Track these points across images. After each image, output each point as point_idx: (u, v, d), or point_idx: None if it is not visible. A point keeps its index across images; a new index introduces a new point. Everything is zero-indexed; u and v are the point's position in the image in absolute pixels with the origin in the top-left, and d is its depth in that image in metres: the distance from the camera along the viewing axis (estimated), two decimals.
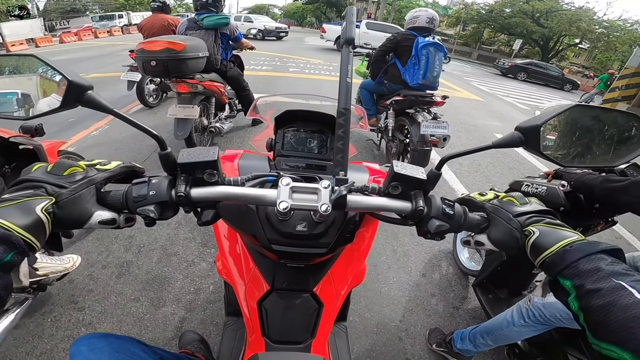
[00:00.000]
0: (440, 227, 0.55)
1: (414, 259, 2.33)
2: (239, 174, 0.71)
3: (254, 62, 9.28)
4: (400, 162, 0.57)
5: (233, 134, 3.99)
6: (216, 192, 0.53)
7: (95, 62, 8.97)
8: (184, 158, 0.52)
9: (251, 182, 0.58)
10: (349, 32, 0.61)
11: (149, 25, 4.29)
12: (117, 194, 0.52)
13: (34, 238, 0.41)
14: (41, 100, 0.58)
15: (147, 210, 0.50)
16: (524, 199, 0.56)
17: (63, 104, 0.50)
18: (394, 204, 0.56)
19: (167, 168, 0.54)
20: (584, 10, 23.32)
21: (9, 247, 0.38)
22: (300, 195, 0.53)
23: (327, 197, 0.52)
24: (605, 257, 0.41)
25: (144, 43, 2.64)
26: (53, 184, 0.46)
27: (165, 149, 0.53)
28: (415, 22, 3.03)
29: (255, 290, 0.75)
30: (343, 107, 0.57)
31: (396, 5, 28.33)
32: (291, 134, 0.84)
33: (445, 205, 0.56)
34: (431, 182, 0.57)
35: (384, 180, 0.58)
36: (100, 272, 1.92)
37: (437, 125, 2.80)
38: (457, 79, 12.03)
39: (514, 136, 0.54)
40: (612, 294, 0.37)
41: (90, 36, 18.90)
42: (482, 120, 6.51)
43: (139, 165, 0.57)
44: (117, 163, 0.55)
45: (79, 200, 0.47)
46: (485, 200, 0.59)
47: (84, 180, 0.49)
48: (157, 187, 0.51)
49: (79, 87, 0.49)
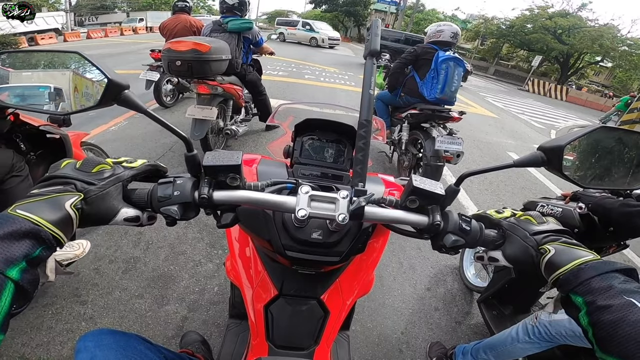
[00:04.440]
0: (456, 242, 0.55)
1: (420, 273, 2.31)
2: (258, 179, 0.72)
3: (270, 66, 9.35)
4: (419, 176, 0.57)
5: (247, 137, 4.03)
6: (238, 196, 0.54)
7: (118, 59, 9.17)
8: (209, 161, 0.52)
9: (270, 188, 0.59)
10: (374, 44, 0.61)
11: (171, 26, 4.37)
12: (142, 192, 0.54)
13: (62, 233, 0.42)
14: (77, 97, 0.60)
15: (171, 210, 0.51)
16: (542, 218, 0.57)
17: (101, 101, 0.51)
18: (410, 217, 0.57)
19: (191, 169, 0.55)
20: (608, 28, 22.73)
21: (37, 242, 0.38)
22: (318, 204, 0.53)
23: (345, 207, 0.52)
24: (618, 276, 0.42)
25: (170, 43, 2.70)
26: (82, 181, 0.47)
27: (191, 150, 0.54)
28: (439, 37, 3.02)
29: (263, 295, 0.76)
30: (365, 118, 0.57)
31: (414, 18, 28.33)
32: (309, 143, 0.84)
33: (462, 221, 0.57)
34: (449, 198, 0.58)
35: (402, 194, 0.59)
36: (107, 266, 1.94)
37: (452, 141, 2.77)
38: (472, 94, 11.92)
39: (537, 156, 0.55)
40: (622, 310, 0.38)
41: (117, 33, 19.52)
42: (495, 137, 6.44)
43: (162, 165, 0.58)
44: (143, 161, 0.56)
45: (107, 197, 0.48)
46: (502, 217, 0.60)
47: (112, 177, 0.50)
48: (182, 187, 0.52)
49: (117, 86, 0.50)
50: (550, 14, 24.45)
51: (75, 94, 0.61)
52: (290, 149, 0.85)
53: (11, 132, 1.52)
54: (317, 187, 0.60)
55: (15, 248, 0.36)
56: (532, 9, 25.43)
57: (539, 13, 24.89)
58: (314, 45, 20.53)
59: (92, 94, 0.60)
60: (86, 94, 0.59)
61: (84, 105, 0.58)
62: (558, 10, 24.67)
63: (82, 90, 0.60)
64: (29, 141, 1.61)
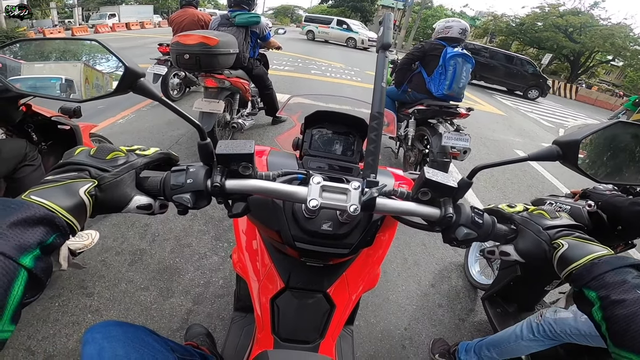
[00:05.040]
0: (469, 235, 0.55)
1: (424, 269, 2.31)
2: (268, 169, 0.71)
3: (276, 61, 9.32)
4: (431, 168, 0.57)
5: (253, 131, 4.03)
6: (250, 185, 0.53)
7: (126, 53, 9.24)
8: (222, 149, 0.52)
9: (282, 178, 0.58)
10: (387, 37, 0.61)
11: (179, 20, 4.38)
12: (155, 180, 0.54)
13: (76, 220, 0.41)
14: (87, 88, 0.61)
15: (183, 199, 0.51)
16: (554, 212, 0.57)
17: (118, 89, 0.51)
18: (422, 209, 0.56)
19: (204, 158, 0.55)
20: (621, 27, 22.32)
21: (52, 229, 0.38)
22: (330, 195, 0.53)
23: (357, 198, 0.52)
24: (632, 271, 0.42)
25: (179, 36, 2.71)
26: (96, 167, 0.47)
27: (205, 139, 0.54)
28: (448, 33, 3.00)
29: (270, 287, 0.76)
30: (377, 111, 0.57)
31: (422, 14, 28.03)
32: (319, 135, 0.84)
33: (474, 214, 0.57)
34: (462, 190, 0.57)
35: (413, 186, 0.58)
36: (113, 258, 1.96)
37: (459, 138, 2.76)
38: (480, 92, 11.80)
39: (552, 150, 0.54)
40: (636, 304, 0.38)
41: (123, 28, 19.73)
42: (503, 135, 6.38)
43: (174, 154, 0.58)
44: (155, 149, 0.56)
45: (120, 184, 0.48)
46: (514, 212, 0.60)
47: (126, 164, 0.50)
48: (195, 176, 0.52)
49: (134, 74, 0.50)
50: (562, 12, 24.03)
51: (86, 85, 0.61)
52: (300, 141, 0.85)
53: (23, 123, 1.54)
54: (327, 178, 0.60)
55: (29, 235, 0.35)
56: (543, 7, 25.04)
57: (550, 11, 24.48)
58: (351, 46, 19.15)
59: (102, 85, 0.60)
60: (97, 85, 0.59)
61: (101, 92, 0.57)
62: (570, 9, 24.27)
63: (93, 81, 0.60)
64: (40, 131, 1.63)
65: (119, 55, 0.51)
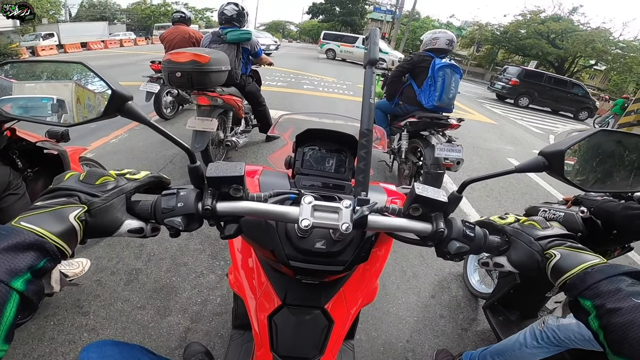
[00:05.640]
0: (461, 248, 0.55)
1: (424, 281, 2.30)
2: (260, 190, 0.72)
3: (269, 77, 9.38)
4: (421, 184, 0.57)
5: (247, 148, 4.01)
6: (241, 207, 0.54)
7: (119, 71, 9.28)
8: (212, 172, 0.53)
9: (273, 199, 0.59)
10: (373, 53, 0.61)
11: (171, 37, 4.42)
12: (146, 204, 0.53)
13: (67, 245, 0.42)
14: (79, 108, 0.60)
15: (174, 222, 0.51)
16: (546, 223, 0.57)
17: (105, 113, 0.51)
18: (414, 225, 0.57)
19: (194, 181, 0.55)
20: (600, 31, 23.01)
21: (42, 254, 0.38)
22: (322, 214, 0.53)
23: (349, 216, 0.52)
24: (626, 279, 0.42)
25: (170, 54, 2.71)
26: (86, 193, 0.47)
27: (194, 162, 0.54)
28: (435, 44, 3.04)
29: (267, 305, 0.75)
30: (366, 128, 0.57)
31: (410, 26, 28.61)
32: (311, 153, 0.84)
33: (466, 228, 0.57)
34: (452, 205, 0.57)
35: (405, 202, 0.59)
36: (108, 278, 1.93)
37: (452, 149, 2.77)
38: (470, 101, 11.94)
39: (538, 161, 0.55)
40: (631, 312, 0.38)
41: (116, 45, 19.78)
42: (495, 144, 6.45)
43: (165, 176, 0.58)
44: (146, 173, 0.56)
45: (111, 209, 0.48)
46: (505, 223, 0.60)
47: (116, 189, 0.50)
48: (185, 199, 0.52)
49: (121, 97, 0.50)
50: (543, 18, 24.78)
51: (77, 105, 0.60)
52: (292, 159, 0.85)
53: (8, 149, 1.48)
54: (319, 197, 0.60)
55: (20, 259, 0.36)
56: (525, 14, 25.76)
57: (531, 18, 25.23)
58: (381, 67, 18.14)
59: (94, 105, 0.59)
60: (88, 105, 0.59)
61: (87, 117, 0.57)
62: (550, 15, 25.03)
63: (85, 101, 0.59)
64: (25, 157, 1.57)
65: (105, 78, 0.51)
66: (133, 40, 21.41)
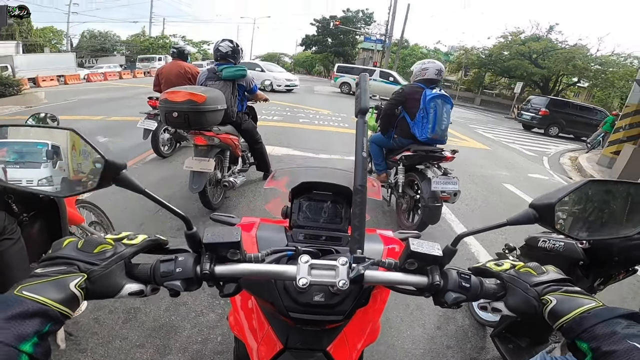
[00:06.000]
0: (457, 298, 0.56)
1: (428, 312, 2.26)
2: (258, 246, 0.73)
3: (265, 111, 9.42)
4: (416, 239, 0.59)
5: (245, 187, 3.94)
6: (239, 269, 0.55)
7: (118, 104, 9.51)
8: (209, 238, 0.54)
9: (270, 258, 0.60)
10: (363, 101, 0.62)
11: (167, 72, 4.46)
12: (145, 267, 0.55)
13: (69, 309, 0.44)
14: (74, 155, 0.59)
15: (174, 285, 0.52)
16: (541, 268, 0.58)
17: (99, 184, 0.52)
18: (410, 278, 0.58)
19: (192, 245, 0.57)
20: (578, 48, 23.39)
21: (46, 320, 0.40)
22: (319, 272, 0.55)
23: (345, 273, 0.54)
24: (621, 321, 0.44)
25: (167, 93, 2.74)
26: (85, 262, 0.48)
27: (191, 228, 0.56)
28: (425, 74, 3.08)
29: (268, 349, 0.74)
30: (359, 184, 0.59)
31: (400, 54, 29.39)
32: (307, 204, 0.85)
33: (461, 279, 0.58)
34: (447, 257, 0.59)
35: (400, 256, 0.60)
36: (106, 316, 1.91)
37: (448, 181, 2.79)
38: (462, 127, 11.98)
39: (529, 213, 0.57)
40: (626, 354, 0.40)
41: (115, 77, 19.74)
42: (490, 170, 6.46)
43: (163, 238, 0.60)
44: (143, 237, 0.57)
45: (110, 275, 0.49)
46: (501, 270, 0.61)
47: (114, 256, 0.51)
48: (184, 264, 0.54)
49: (115, 167, 0.51)
50: (523, 39, 25.26)
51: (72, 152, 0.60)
52: (288, 210, 0.86)
53: (3, 193, 1.45)
54: (316, 252, 0.62)
55: (26, 326, 0.38)
56: (506, 36, 26.34)
57: (512, 39, 25.73)
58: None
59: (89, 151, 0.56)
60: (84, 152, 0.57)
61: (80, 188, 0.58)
62: (529, 35, 25.53)
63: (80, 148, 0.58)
64: (21, 202, 1.54)
65: (97, 147, 0.52)
66: (118, 74, 20.85)
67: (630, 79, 18.28)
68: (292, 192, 0.85)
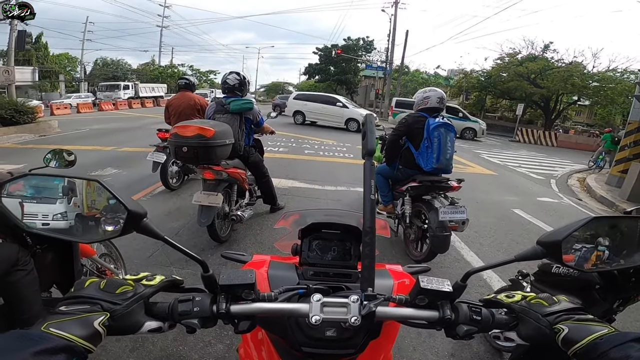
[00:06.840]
0: (469, 331, 0.58)
1: (441, 340, 2.20)
2: (269, 285, 0.75)
3: (271, 142, 9.40)
4: (425, 276, 0.61)
5: (252, 220, 3.89)
6: (253, 308, 0.58)
7: (128, 135, 9.75)
8: (225, 280, 0.57)
9: (283, 296, 0.62)
10: (370, 143, 0.63)
11: (176, 104, 4.57)
12: (163, 306, 0.59)
13: (92, 345, 0.47)
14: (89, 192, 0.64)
15: (192, 323, 0.56)
16: (552, 299, 0.59)
17: (123, 231, 0.57)
18: (421, 313, 0.59)
19: (208, 287, 0.60)
20: (574, 66, 23.19)
21: (71, 354, 0.44)
22: (330, 309, 0.57)
23: (357, 310, 0.56)
24: (634, 345, 0.46)
25: (177, 127, 2.82)
26: (108, 301, 0.52)
27: (207, 271, 0.60)
28: (427, 103, 3.07)
29: None
30: (368, 225, 0.61)
31: (401, 80, 29.64)
32: (316, 243, 0.87)
33: (472, 312, 0.60)
34: (457, 292, 0.60)
35: (410, 291, 0.62)
36: (113, 344, 1.90)
37: (455, 211, 2.77)
38: (467, 153, 11.86)
39: (536, 250, 0.59)
40: None
41: (125, 106, 20.11)
42: (498, 196, 6.36)
43: (178, 278, 0.64)
44: (161, 278, 0.61)
45: (131, 314, 0.53)
46: (513, 302, 0.61)
47: (135, 296, 0.55)
48: (201, 304, 0.57)
49: (137, 216, 0.55)
50: (520, 60, 25.22)
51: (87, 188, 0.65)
52: (298, 248, 0.87)
53: (17, 227, 1.53)
54: (327, 288, 0.64)
55: None
56: (503, 57, 26.43)
57: (509, 61, 25.76)
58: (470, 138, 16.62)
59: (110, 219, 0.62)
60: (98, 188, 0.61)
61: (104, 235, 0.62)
62: (526, 55, 25.50)
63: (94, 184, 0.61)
64: (34, 235, 1.56)
65: (120, 198, 0.56)
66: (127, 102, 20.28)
67: (629, 95, 18.13)
68: (301, 231, 0.88)
